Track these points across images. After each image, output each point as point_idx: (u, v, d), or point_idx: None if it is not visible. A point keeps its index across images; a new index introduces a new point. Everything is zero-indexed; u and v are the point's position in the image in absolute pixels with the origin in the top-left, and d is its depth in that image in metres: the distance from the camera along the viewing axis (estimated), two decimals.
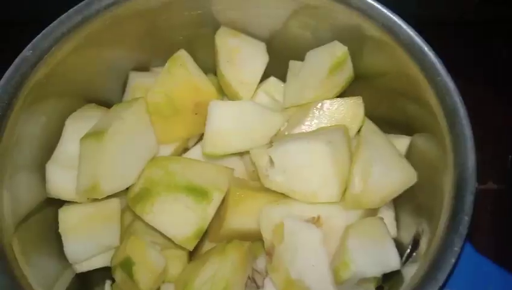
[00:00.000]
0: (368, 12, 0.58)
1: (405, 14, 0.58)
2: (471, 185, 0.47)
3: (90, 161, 0.58)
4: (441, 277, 0.42)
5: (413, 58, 0.56)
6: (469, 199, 0.46)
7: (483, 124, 0.93)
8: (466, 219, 0.45)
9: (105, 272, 0.65)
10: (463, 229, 0.44)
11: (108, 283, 0.67)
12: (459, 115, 0.52)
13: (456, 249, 0.43)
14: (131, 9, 0.61)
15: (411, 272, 0.49)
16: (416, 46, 0.56)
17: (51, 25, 0.58)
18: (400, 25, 0.57)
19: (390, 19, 0.57)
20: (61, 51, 0.59)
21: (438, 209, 0.49)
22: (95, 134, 0.59)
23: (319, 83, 0.65)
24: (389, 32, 0.58)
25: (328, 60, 0.64)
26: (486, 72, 0.96)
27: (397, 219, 0.64)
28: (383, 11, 0.57)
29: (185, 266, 0.63)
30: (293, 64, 0.70)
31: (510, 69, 0.96)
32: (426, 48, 0.55)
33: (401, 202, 0.63)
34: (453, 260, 0.43)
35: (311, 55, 0.67)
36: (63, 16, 0.58)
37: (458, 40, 0.96)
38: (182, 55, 0.67)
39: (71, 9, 0.59)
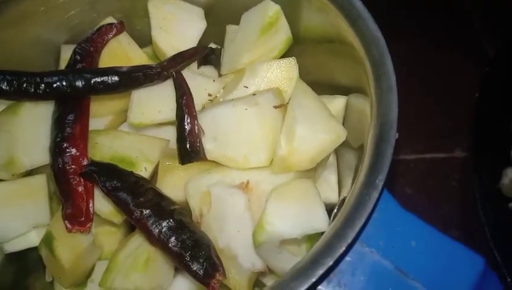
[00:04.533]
0: None
1: None
2: (392, 136, 0.44)
3: (7, 135, 0.55)
4: (352, 232, 0.39)
5: (342, 11, 0.53)
6: (388, 151, 0.43)
7: (454, 93, 0.92)
8: (384, 170, 0.42)
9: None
10: (379, 181, 0.41)
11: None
12: (385, 66, 0.49)
13: (371, 202, 0.40)
14: None
15: None
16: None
17: None
18: None
19: None
20: None
21: (361, 164, 0.46)
22: (13, 107, 0.57)
23: (253, 45, 0.62)
24: None
25: (260, 20, 0.61)
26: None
27: (341, 183, 0.61)
28: None
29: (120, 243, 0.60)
30: (230, 29, 0.67)
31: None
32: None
33: (345, 165, 0.61)
34: (366, 214, 0.39)
35: (245, 18, 0.64)
36: None
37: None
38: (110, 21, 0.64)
39: None
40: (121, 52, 0.63)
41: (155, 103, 0.59)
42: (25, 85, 0.54)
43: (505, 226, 0.61)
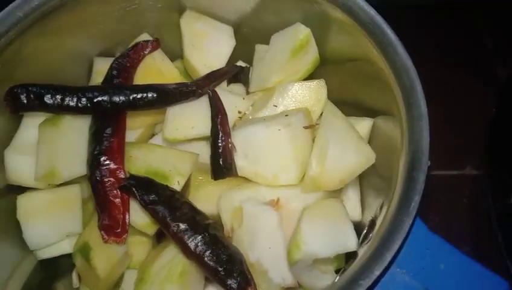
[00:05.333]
0: None
1: None
2: (424, 163, 0.46)
3: (48, 146, 0.57)
4: (388, 255, 0.41)
5: (372, 37, 0.56)
6: (421, 178, 0.45)
7: (465, 109, 0.94)
8: (416, 198, 0.44)
9: (71, 261, 0.64)
10: (413, 208, 0.44)
11: (76, 272, 0.66)
12: (415, 94, 0.51)
13: (405, 228, 0.42)
14: None
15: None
16: (375, 25, 0.55)
17: (6, 9, 0.57)
18: (359, 4, 0.56)
19: None
20: (18, 35, 0.58)
21: (393, 189, 0.48)
22: (53, 119, 0.59)
23: (282, 66, 0.64)
24: (348, 13, 0.57)
25: (291, 42, 0.63)
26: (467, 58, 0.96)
27: (363, 201, 0.63)
28: None
29: (149, 252, 0.62)
30: (259, 48, 0.70)
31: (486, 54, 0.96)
32: (385, 27, 0.55)
33: (367, 184, 0.63)
34: (401, 239, 0.42)
35: (275, 38, 0.66)
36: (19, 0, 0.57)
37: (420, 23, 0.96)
38: (145, 38, 0.66)
39: None
40: (154, 68, 0.65)
41: (189, 119, 0.61)
42: (67, 99, 0.56)
43: None
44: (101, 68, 0.68)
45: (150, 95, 0.58)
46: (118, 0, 0.65)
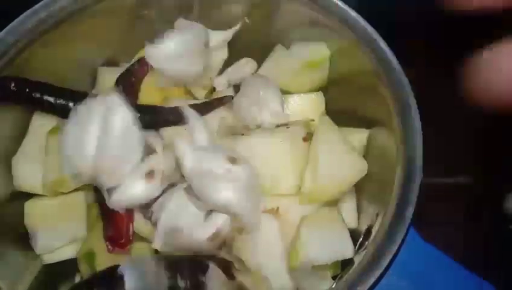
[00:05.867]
0: (328, 9, 0.60)
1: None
2: (418, 176, 0.48)
3: (56, 155, 0.59)
4: (383, 264, 0.44)
5: (371, 52, 0.58)
6: (415, 190, 0.48)
7: (458, 120, 0.96)
8: (410, 209, 0.47)
9: (75, 265, 0.66)
10: (407, 219, 0.46)
11: (78, 275, 0.68)
12: (410, 109, 0.53)
13: (399, 238, 0.45)
14: (103, 6, 0.62)
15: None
16: (372, 41, 0.57)
17: (16, 20, 0.59)
18: (355, 19, 0.58)
19: (347, 13, 0.58)
20: (27, 46, 0.59)
21: (388, 199, 0.50)
22: (61, 128, 0.61)
23: (291, 72, 0.66)
24: (346, 26, 0.59)
25: (310, 55, 0.65)
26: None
27: (359, 210, 0.65)
28: (340, 6, 0.58)
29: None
30: (279, 48, 0.70)
31: None
32: (381, 44, 0.57)
33: (363, 193, 0.65)
34: (395, 248, 0.44)
35: (296, 47, 0.68)
36: (28, 11, 0.59)
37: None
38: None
39: (37, 4, 0.59)
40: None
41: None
42: (58, 101, 0.59)
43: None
44: (106, 78, 0.70)
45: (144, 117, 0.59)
46: (125, 11, 0.66)
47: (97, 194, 0.58)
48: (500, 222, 0.72)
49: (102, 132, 0.55)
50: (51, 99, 0.60)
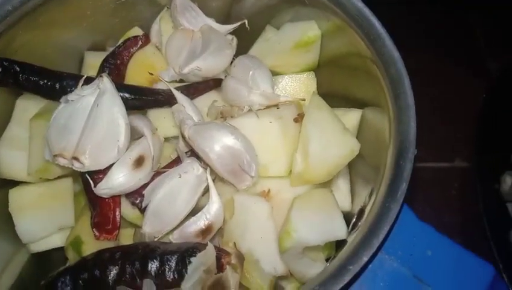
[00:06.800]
0: None
1: None
2: (411, 152, 0.47)
3: (40, 141, 0.57)
4: (376, 242, 0.42)
5: (361, 30, 0.56)
6: (408, 166, 0.46)
7: (454, 102, 0.95)
8: (403, 185, 0.45)
9: (64, 255, 0.65)
10: (400, 195, 0.44)
11: (68, 265, 0.66)
12: (402, 85, 0.52)
13: (392, 215, 0.43)
14: None
15: None
16: (363, 17, 0.56)
17: None
18: None
19: None
20: (8, 28, 0.58)
21: (381, 178, 0.49)
22: (45, 114, 0.59)
23: (283, 52, 0.65)
24: (338, 5, 0.57)
25: (299, 35, 0.64)
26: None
27: (353, 190, 0.64)
28: None
29: None
30: (269, 29, 0.69)
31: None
32: (373, 19, 0.55)
33: (356, 174, 0.64)
34: (389, 226, 0.43)
35: (287, 27, 0.66)
36: None
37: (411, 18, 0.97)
38: (136, 33, 0.66)
39: None
40: (146, 62, 0.66)
41: (169, 118, 0.61)
42: (41, 82, 0.58)
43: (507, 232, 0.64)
44: (92, 62, 0.68)
45: (126, 96, 0.58)
46: None
47: (83, 179, 0.56)
48: (496, 202, 0.71)
49: (89, 116, 0.53)
50: (37, 79, 0.58)
